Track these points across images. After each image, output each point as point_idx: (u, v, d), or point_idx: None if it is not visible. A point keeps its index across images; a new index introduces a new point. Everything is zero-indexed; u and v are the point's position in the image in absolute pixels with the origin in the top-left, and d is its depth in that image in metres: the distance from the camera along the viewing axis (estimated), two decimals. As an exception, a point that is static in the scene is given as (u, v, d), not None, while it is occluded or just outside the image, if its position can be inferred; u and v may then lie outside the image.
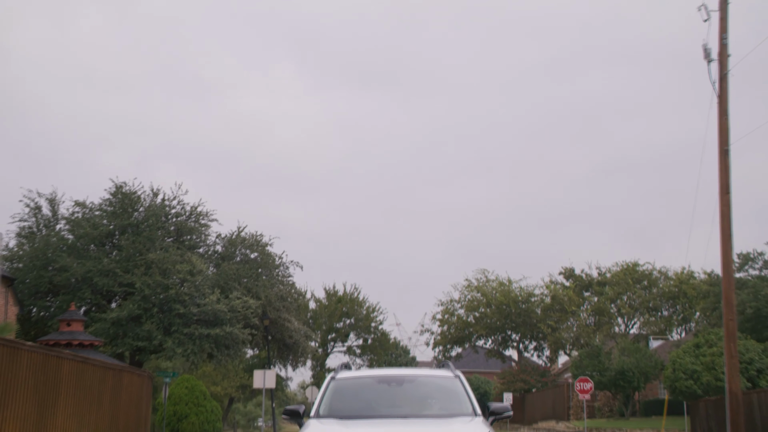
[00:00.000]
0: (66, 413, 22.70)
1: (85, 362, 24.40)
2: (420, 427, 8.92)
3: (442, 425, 8.95)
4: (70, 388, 22.96)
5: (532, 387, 77.73)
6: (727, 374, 23.14)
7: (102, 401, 25.81)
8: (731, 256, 24.32)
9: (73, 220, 40.53)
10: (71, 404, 23.12)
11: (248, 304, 38.19)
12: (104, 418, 26.00)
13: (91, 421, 24.76)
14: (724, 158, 23.87)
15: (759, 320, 51.59)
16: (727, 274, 24.05)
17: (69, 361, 23.01)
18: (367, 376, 11.06)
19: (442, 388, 10.44)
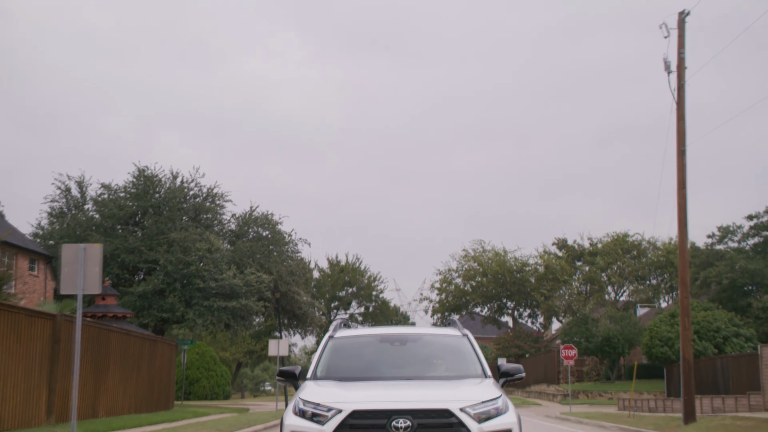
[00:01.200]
0: (115, 378, 26.58)
1: (129, 334, 28.27)
2: (425, 390, 8.16)
3: (450, 388, 8.21)
4: (117, 356, 26.80)
5: (525, 352, 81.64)
6: (682, 344, 26.88)
7: (141, 367, 29.67)
8: (687, 244, 27.94)
9: (101, 201, 44.22)
10: (118, 370, 26.98)
11: (261, 279, 41.98)
12: (143, 381, 29.89)
13: (132, 384, 28.66)
14: (681, 158, 27.44)
15: (734, 290, 55.58)
16: (683, 259, 27.72)
17: (116, 333, 26.87)
18: (368, 334, 10.31)
19: (449, 347, 9.73)
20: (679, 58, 27.40)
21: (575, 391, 58.67)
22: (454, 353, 9.54)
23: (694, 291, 64.38)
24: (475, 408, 7.63)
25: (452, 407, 7.53)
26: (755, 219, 61.38)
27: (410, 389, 8.17)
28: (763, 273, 54.12)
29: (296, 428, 7.62)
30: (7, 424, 19.18)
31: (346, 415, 7.45)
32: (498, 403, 7.81)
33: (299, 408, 7.80)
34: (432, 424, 7.42)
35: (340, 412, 7.48)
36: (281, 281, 45.32)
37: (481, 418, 7.58)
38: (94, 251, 14.87)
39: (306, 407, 7.74)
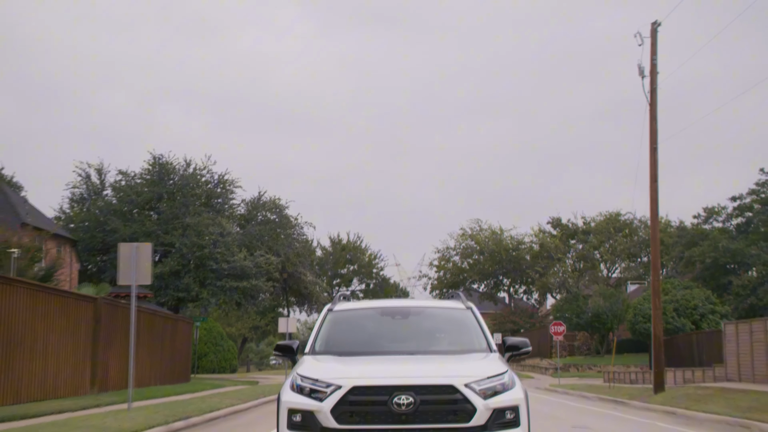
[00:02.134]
0: (144, 352, 29.71)
1: (154, 314, 31.41)
2: (428, 365, 7.78)
3: (454, 362, 7.94)
4: (145, 334, 29.91)
5: (520, 327, 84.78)
6: (653, 323, 29.95)
7: (164, 343, 32.79)
8: (658, 232, 30.86)
9: (119, 187, 47.19)
10: (146, 346, 30.11)
11: (270, 261, 45.08)
12: (166, 356, 33.03)
13: (157, 359, 31.80)
14: (653, 154, 30.32)
15: (717, 268, 58.70)
16: (655, 246, 30.68)
17: (145, 313, 29.97)
18: (369, 307, 9.98)
19: (453, 321, 9.41)
20: (652, 64, 30.22)
21: (567, 365, 61.90)
22: (458, 327, 9.22)
23: (680, 269, 67.63)
24: (480, 384, 7.29)
25: (456, 383, 7.20)
26: (738, 200, 64.35)
27: (412, 364, 7.76)
28: (744, 252, 57.05)
29: (294, 405, 7.30)
30: (60, 392, 22.29)
31: (346, 392, 7.12)
32: (504, 379, 7.46)
33: (297, 384, 7.46)
34: (435, 401, 7.10)
35: (340, 388, 7.15)
36: (288, 262, 48.47)
37: (487, 394, 7.25)
38: (145, 249, 17.91)
39: (304, 383, 7.40)
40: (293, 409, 7.27)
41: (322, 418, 7.07)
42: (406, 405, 7.00)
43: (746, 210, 63.95)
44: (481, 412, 7.11)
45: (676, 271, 69.70)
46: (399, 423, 7.01)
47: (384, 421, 7.02)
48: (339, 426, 7.03)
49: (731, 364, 31.93)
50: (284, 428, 7.31)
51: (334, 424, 7.04)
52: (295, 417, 7.23)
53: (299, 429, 7.20)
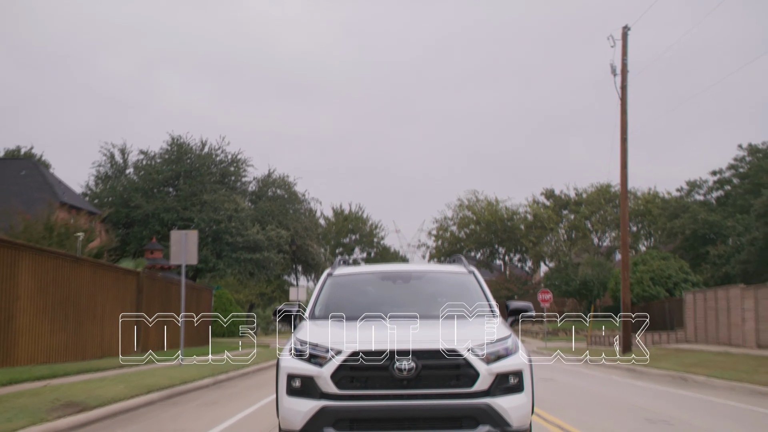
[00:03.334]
0: (176, 318, 33.98)
1: (187, 286, 35.59)
2: (430, 330, 7.63)
3: (456, 327, 7.76)
4: (176, 302, 34.12)
5: (515, 294, 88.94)
6: (622, 293, 34.11)
7: (191, 310, 37.00)
8: (627, 213, 34.93)
9: (141, 166, 51.27)
10: (178, 311, 34.34)
11: (280, 234, 49.28)
12: (192, 321, 37.28)
13: (188, 324, 36.07)
14: (623, 144, 34.31)
15: (695, 239, 62.70)
16: (624, 226, 34.75)
17: (176, 284, 34.19)
18: (369, 272, 9.91)
19: (455, 285, 9.33)
20: (623, 64, 34.13)
21: (556, 329, 66.26)
22: (460, 291, 9.10)
23: (663, 240, 71.78)
24: (483, 348, 7.16)
25: (459, 347, 7.07)
26: (718, 174, 68.35)
27: (414, 329, 7.56)
28: (721, 224, 60.97)
29: (293, 370, 7.19)
30: (114, 352, 26.53)
31: (346, 357, 7.01)
32: (507, 343, 7.36)
33: (296, 349, 7.37)
34: (437, 366, 6.98)
35: (340, 353, 7.03)
36: (297, 236, 52.65)
37: (490, 359, 7.14)
38: (192, 236, 22.00)
39: (303, 348, 7.29)
40: (293, 375, 7.14)
41: (321, 384, 6.95)
42: (407, 370, 6.88)
43: (725, 184, 67.97)
44: (484, 377, 6.99)
45: (661, 241, 73.90)
46: (400, 388, 6.88)
47: (385, 386, 6.90)
48: (339, 391, 6.91)
49: (690, 328, 36.23)
50: (284, 394, 7.21)
51: (334, 389, 6.92)
52: (295, 382, 7.11)
53: (299, 394, 7.06)
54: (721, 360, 25.50)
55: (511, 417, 6.91)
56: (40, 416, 10.75)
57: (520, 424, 6.99)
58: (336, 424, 6.84)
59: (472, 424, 6.85)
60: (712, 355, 27.52)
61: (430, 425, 6.83)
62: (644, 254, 56.46)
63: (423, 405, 6.85)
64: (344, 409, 6.85)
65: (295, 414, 6.95)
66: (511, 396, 7.05)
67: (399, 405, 6.83)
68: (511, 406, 6.96)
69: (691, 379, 21.76)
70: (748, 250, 51.42)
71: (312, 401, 6.93)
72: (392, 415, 6.81)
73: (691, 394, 17.84)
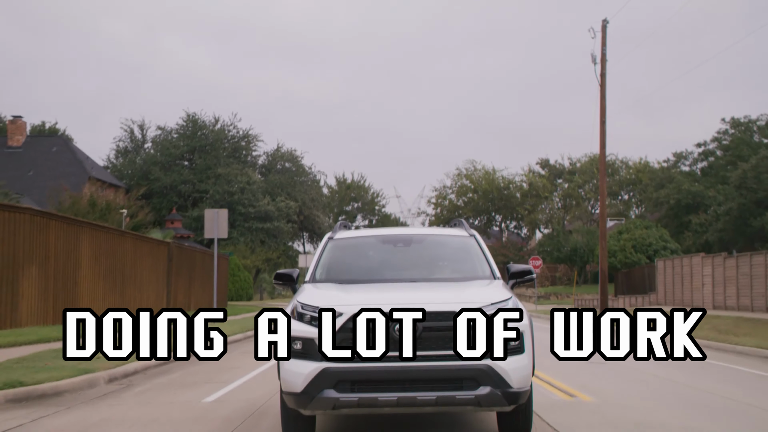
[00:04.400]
0: (198, 284, 37.91)
1: (204, 253, 39.51)
2: (431, 293, 7.59)
3: (457, 290, 7.71)
4: (199, 269, 38.05)
5: (510, 260, 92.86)
6: (600, 261, 37.91)
7: (211, 276, 40.93)
8: (605, 188, 38.64)
9: (159, 142, 55.02)
10: (199, 278, 38.27)
11: (289, 205, 53.13)
12: (211, 286, 41.19)
13: (207, 288, 39.99)
14: (602, 126, 37.97)
15: (679, 209, 66.48)
16: (602, 200, 38.48)
17: (198, 253, 38.09)
18: (370, 235, 9.87)
19: (456, 248, 9.32)
20: (602, 54, 37.67)
21: (548, 293, 70.31)
22: (461, 254, 9.11)
23: (650, 209, 75.61)
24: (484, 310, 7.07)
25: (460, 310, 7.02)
26: (703, 146, 72.02)
27: (415, 291, 7.69)
28: (703, 194, 64.69)
29: (294, 333, 7.19)
30: (150, 313, 30.47)
31: (347, 319, 7.00)
32: (508, 305, 7.31)
33: (297, 312, 7.36)
34: (438, 328, 6.97)
35: (341, 316, 7.04)
36: (304, 206, 56.52)
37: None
38: (222, 213, 25.82)
39: (304, 311, 7.30)
40: (294, 337, 7.13)
41: (322, 346, 6.95)
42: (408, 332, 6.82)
43: (709, 155, 71.66)
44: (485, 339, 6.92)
45: (648, 210, 77.75)
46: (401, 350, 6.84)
47: (386, 348, 6.87)
48: (340, 353, 6.93)
49: (660, 292, 40.19)
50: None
51: (335, 351, 6.93)
52: (296, 344, 7.10)
53: (300, 356, 7.06)
54: (679, 319, 29.37)
55: (511, 378, 6.89)
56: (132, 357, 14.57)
57: (521, 385, 6.98)
58: (337, 386, 6.85)
59: (472, 385, 6.84)
60: (673, 315, 31.43)
61: (431, 386, 6.84)
62: (628, 223, 60.33)
63: (424, 366, 6.84)
64: (345, 371, 6.85)
65: (296, 376, 6.96)
66: (512, 357, 6.99)
67: (400, 367, 6.83)
68: (512, 368, 6.93)
69: (650, 335, 25.56)
70: (724, 220, 55.24)
71: (313, 363, 6.93)
72: (393, 377, 6.83)
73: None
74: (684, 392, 11.56)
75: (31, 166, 44.93)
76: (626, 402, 10.38)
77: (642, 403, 10.34)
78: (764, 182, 52.16)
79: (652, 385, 12.33)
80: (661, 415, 9.31)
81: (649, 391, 11.55)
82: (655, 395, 11.15)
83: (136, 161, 54.27)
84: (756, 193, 52.53)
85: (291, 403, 7.07)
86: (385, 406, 6.84)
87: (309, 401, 6.86)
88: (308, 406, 6.91)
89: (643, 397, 10.87)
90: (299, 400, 6.93)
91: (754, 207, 52.80)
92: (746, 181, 53.43)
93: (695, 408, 9.88)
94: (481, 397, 6.78)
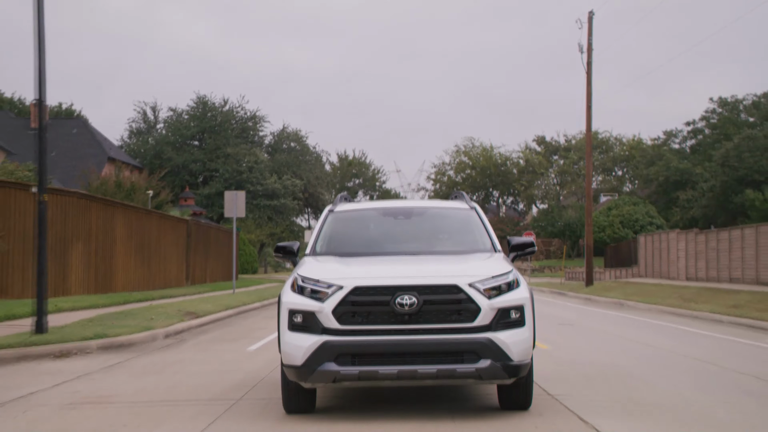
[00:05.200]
0: (213, 257, 40.98)
1: (219, 229, 42.56)
2: (432, 265, 7.55)
3: (458, 262, 7.68)
4: (214, 244, 41.08)
5: (507, 234, 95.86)
6: (586, 237, 40.84)
7: (223, 251, 43.96)
8: (591, 169, 41.50)
9: (171, 123, 57.90)
10: (214, 253, 41.30)
11: (295, 183, 56.13)
12: (224, 260, 44.27)
13: (221, 262, 43.06)
14: (588, 112, 40.80)
15: (667, 186, 69.36)
16: (588, 181, 41.36)
17: (213, 229, 41.16)
18: (370, 208, 9.80)
19: (457, 221, 9.20)
20: (588, 43, 40.41)
21: (542, 267, 73.35)
22: (462, 227, 9.07)
23: (641, 185, 78.55)
24: (484, 283, 7.10)
25: (460, 282, 7.03)
26: (692, 125, 74.79)
27: (415, 264, 7.62)
28: (691, 171, 67.52)
29: (294, 306, 7.15)
30: (172, 284, 33.49)
31: (347, 292, 6.97)
32: (509, 278, 7.28)
33: (298, 285, 7.29)
34: (438, 301, 6.95)
35: (341, 289, 6.99)
36: (309, 185, 59.52)
37: (491, 294, 7.08)
38: (241, 195, 28.78)
39: (305, 284, 7.23)
40: (294, 310, 7.14)
41: (323, 319, 6.95)
42: (409, 305, 6.85)
43: (698, 133, 74.44)
44: (486, 312, 6.97)
45: (639, 186, 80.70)
46: (402, 323, 6.88)
47: (386, 322, 6.91)
48: (340, 326, 6.91)
49: (642, 265, 43.26)
50: (285, 329, 7.20)
51: (336, 324, 6.92)
52: (296, 318, 7.10)
53: (300, 330, 7.06)
54: (654, 290, 32.40)
55: (512, 351, 6.92)
56: (179, 318, 17.59)
57: (522, 359, 7.00)
58: (337, 359, 6.85)
59: (473, 358, 6.86)
60: (649, 286, 34.43)
61: (432, 360, 6.84)
62: (617, 200, 63.36)
63: (424, 340, 6.85)
64: (346, 344, 6.86)
65: (297, 349, 6.95)
66: (513, 330, 7.02)
67: (400, 340, 6.84)
68: (513, 341, 6.96)
69: (626, 304, 28.54)
70: (708, 196, 58.20)
71: (313, 336, 6.93)
72: (394, 350, 6.84)
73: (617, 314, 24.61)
74: (620, 342, 14.62)
75: (53, 147, 47.68)
76: (572, 348, 13.37)
77: (584, 348, 13.34)
78: (745, 161, 55.04)
79: (599, 339, 15.37)
80: (594, 356, 12.30)
81: (594, 343, 14.56)
82: (597, 344, 14.19)
83: (148, 141, 57.20)
84: (737, 171, 55.43)
85: (291, 376, 7.09)
86: (385, 379, 6.87)
87: (309, 374, 6.89)
88: (308, 379, 6.93)
89: (587, 346, 13.87)
90: (300, 373, 6.96)
91: (736, 184, 55.70)
92: (729, 160, 56.29)
93: (624, 352, 12.87)
94: (482, 370, 6.84)
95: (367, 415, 7.40)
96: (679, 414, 7.47)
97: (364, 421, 7.17)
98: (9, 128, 48.42)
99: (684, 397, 8.41)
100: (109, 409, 7.95)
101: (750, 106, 69.96)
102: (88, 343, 12.90)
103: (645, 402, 8.05)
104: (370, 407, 7.87)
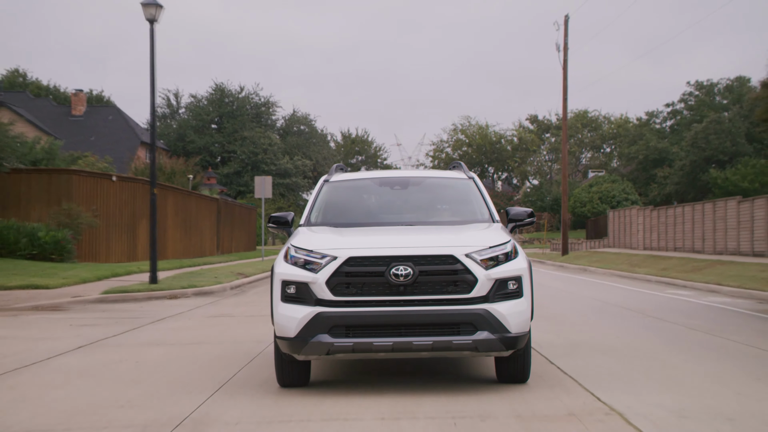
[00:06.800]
0: (237, 231, 47.08)
1: (242, 207, 48.69)
2: (428, 236, 7.34)
3: (455, 233, 7.42)
4: (237, 219, 47.16)
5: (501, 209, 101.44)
6: (562, 212, 46.82)
7: (245, 225, 50.08)
8: (566, 154, 47.34)
9: (192, 108, 63.82)
10: (237, 227, 47.40)
11: (305, 164, 62.16)
12: (246, 233, 50.39)
13: (244, 235, 49.18)
14: (564, 103, 46.62)
15: (647, 164, 75.17)
16: (564, 164, 47.27)
17: (237, 207, 47.25)
18: (366, 178, 9.52)
19: (454, 191, 9.04)
20: (565, 43, 46.14)
21: (532, 239, 79.37)
22: (460, 197, 8.87)
23: (623, 163, 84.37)
24: (481, 254, 6.91)
25: (456, 253, 6.85)
26: (671, 106, 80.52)
27: (411, 234, 7.41)
28: (668, 150, 73.31)
29: (288, 277, 6.97)
30: (207, 254, 39.57)
31: (341, 262, 6.81)
32: (507, 248, 7.10)
33: (291, 255, 7.09)
34: (434, 271, 6.79)
35: (335, 259, 6.84)
36: (318, 164, 65.58)
37: (489, 265, 6.90)
38: (268, 180, 34.77)
39: (298, 254, 7.04)
40: (287, 281, 6.97)
41: (316, 290, 6.80)
42: (404, 276, 6.69)
43: (677, 114, 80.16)
44: (483, 283, 6.80)
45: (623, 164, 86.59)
46: (397, 294, 6.73)
47: (381, 293, 6.76)
48: (334, 297, 6.77)
49: (611, 237, 49.37)
50: (278, 301, 7.03)
51: (330, 295, 6.77)
52: (290, 289, 6.95)
53: (294, 301, 6.92)
54: (613, 258, 38.41)
55: (509, 323, 6.78)
56: (234, 277, 23.66)
57: (519, 330, 6.85)
58: (331, 331, 6.72)
59: (470, 330, 6.71)
60: (611, 255, 40.48)
61: (428, 331, 6.70)
62: (599, 177, 69.38)
63: (420, 311, 6.69)
64: (340, 316, 6.71)
65: (290, 320, 6.83)
66: (510, 302, 6.86)
67: (396, 311, 6.69)
68: (510, 312, 6.81)
69: (589, 269, 34.43)
70: (679, 174, 64.11)
71: (307, 308, 6.80)
72: (389, 321, 6.69)
73: (578, 277, 30.57)
74: (573, 298, 20.62)
75: (92, 132, 53.67)
76: (535, 304, 19.36)
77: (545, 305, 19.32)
78: (711, 142, 60.92)
79: (559, 296, 21.32)
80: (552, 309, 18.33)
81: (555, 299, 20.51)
82: (556, 300, 20.09)
83: (172, 125, 63.18)
84: (705, 151, 61.32)
85: (285, 348, 6.96)
86: (380, 352, 6.71)
87: (303, 346, 6.76)
88: (302, 351, 6.79)
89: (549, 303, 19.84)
90: (293, 345, 6.83)
91: (704, 163, 61.61)
92: (698, 141, 62.15)
93: (572, 304, 18.90)
94: (479, 342, 6.68)
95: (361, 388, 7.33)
96: (579, 326, 13.23)
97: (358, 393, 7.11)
98: (52, 115, 54.33)
99: (589, 322, 14.40)
100: (233, 319, 13.98)
101: (723, 89, 75.66)
102: (185, 290, 18.93)
103: (563, 321, 14.02)
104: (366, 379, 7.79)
